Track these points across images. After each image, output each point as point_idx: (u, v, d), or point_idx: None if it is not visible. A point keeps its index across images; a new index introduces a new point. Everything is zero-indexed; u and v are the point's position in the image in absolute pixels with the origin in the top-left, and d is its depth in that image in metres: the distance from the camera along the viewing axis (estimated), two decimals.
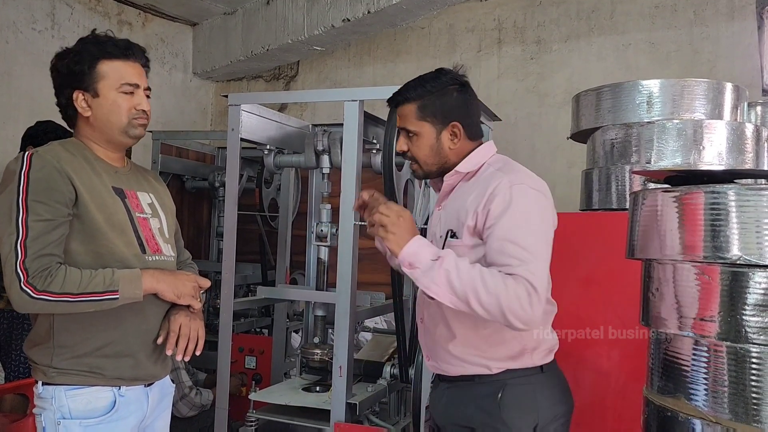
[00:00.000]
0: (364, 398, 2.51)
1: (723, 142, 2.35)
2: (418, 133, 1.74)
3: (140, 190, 1.81)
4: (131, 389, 1.68)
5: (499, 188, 1.60)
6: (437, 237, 1.78)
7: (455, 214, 1.71)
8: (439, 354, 1.77)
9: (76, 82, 1.68)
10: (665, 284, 1.35)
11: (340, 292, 2.52)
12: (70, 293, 1.53)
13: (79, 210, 1.61)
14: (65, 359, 1.61)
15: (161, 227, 1.82)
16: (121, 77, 1.70)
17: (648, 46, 4.01)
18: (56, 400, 1.60)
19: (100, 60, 1.69)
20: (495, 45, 4.47)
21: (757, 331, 1.19)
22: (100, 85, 1.69)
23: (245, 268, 4.25)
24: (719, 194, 1.25)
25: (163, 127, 4.94)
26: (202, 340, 1.73)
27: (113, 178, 1.73)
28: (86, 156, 1.70)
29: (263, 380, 3.49)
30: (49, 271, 1.52)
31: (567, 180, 3.50)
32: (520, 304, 1.47)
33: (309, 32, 4.62)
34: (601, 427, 2.22)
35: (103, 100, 1.69)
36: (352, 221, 2.50)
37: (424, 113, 1.74)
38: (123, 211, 1.70)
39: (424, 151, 1.76)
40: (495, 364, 1.68)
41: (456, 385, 1.75)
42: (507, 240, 1.54)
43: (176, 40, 5.32)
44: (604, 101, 2.55)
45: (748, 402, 1.20)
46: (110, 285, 1.57)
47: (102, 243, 1.63)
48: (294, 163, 2.96)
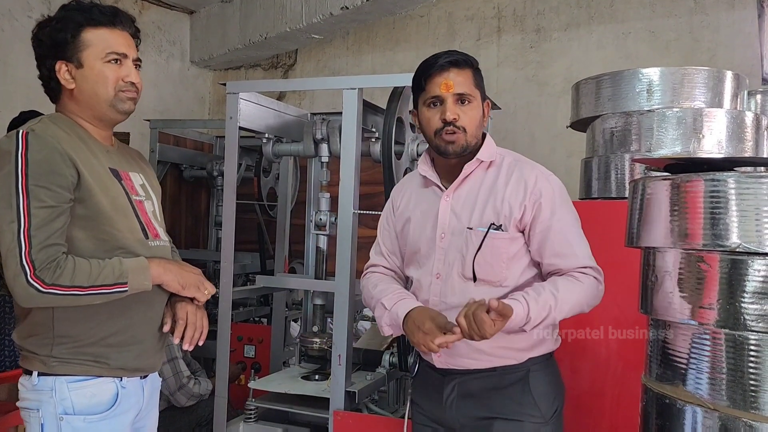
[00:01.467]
0: (363, 387, 2.52)
1: (723, 130, 2.35)
2: (473, 101, 1.68)
3: (131, 170, 1.70)
4: (131, 381, 1.62)
5: (539, 182, 1.67)
6: (459, 229, 1.69)
7: (489, 207, 1.67)
8: (458, 350, 1.67)
9: (59, 52, 1.56)
10: (664, 272, 1.35)
11: (339, 281, 2.52)
12: (80, 286, 1.45)
13: (81, 194, 1.50)
14: (67, 349, 1.53)
15: (154, 210, 1.72)
16: (107, 46, 1.57)
17: (648, 35, 4.00)
18: (57, 392, 1.51)
19: (85, 27, 1.56)
20: (494, 33, 4.45)
21: (755, 318, 1.20)
22: (84, 55, 1.56)
23: (244, 257, 4.26)
24: (719, 182, 1.25)
25: (160, 115, 4.93)
26: (206, 330, 1.67)
27: (107, 158, 1.62)
28: (79, 134, 1.59)
29: (262, 369, 3.50)
30: (57, 262, 1.44)
31: (566, 169, 3.49)
32: (594, 294, 1.63)
33: (307, 20, 4.60)
34: (599, 414, 2.23)
35: (88, 71, 1.57)
36: (351, 210, 2.50)
37: (477, 81, 1.70)
38: (123, 194, 1.61)
39: (475, 121, 1.68)
40: (523, 354, 1.68)
41: (471, 377, 1.70)
42: (569, 231, 1.65)
43: (173, 28, 5.30)
44: (603, 90, 2.54)
45: (746, 389, 1.21)
46: (120, 277, 1.49)
47: (106, 229, 1.54)
48: (293, 152, 2.95)
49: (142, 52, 1.71)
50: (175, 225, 4.55)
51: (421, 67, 1.71)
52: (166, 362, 2.91)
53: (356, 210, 2.51)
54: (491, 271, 1.66)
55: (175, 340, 1.63)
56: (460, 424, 1.73)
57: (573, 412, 1.78)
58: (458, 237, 1.69)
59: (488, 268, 1.65)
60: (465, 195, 1.72)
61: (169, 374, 2.93)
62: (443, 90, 1.65)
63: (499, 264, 1.65)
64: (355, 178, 2.50)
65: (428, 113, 1.69)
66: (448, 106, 1.65)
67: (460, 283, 1.68)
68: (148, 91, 5.07)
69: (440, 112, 1.66)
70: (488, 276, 1.66)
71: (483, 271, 1.66)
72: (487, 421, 1.68)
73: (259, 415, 2.70)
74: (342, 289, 2.51)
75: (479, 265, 1.65)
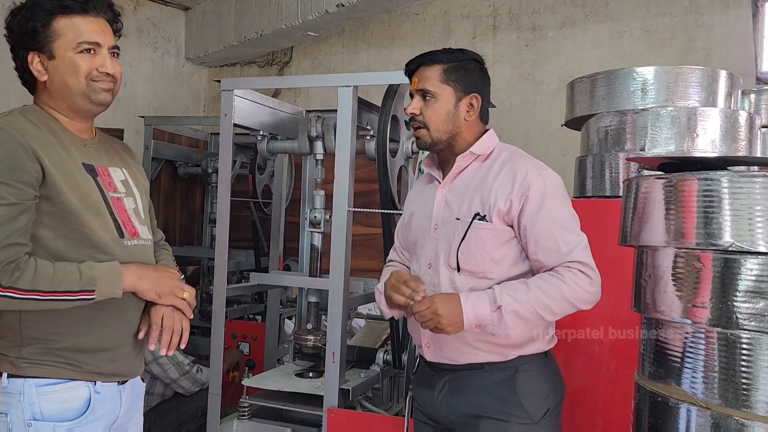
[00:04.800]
0: (357, 384, 2.52)
1: (717, 129, 2.35)
2: (437, 96, 1.72)
3: (111, 165, 1.61)
4: (106, 386, 1.53)
5: (530, 175, 1.66)
6: (449, 219, 1.72)
7: (477, 198, 1.69)
8: (446, 341, 1.69)
9: (30, 42, 1.48)
10: (657, 271, 1.35)
11: (333, 279, 2.52)
12: (41, 291, 1.36)
13: (48, 191, 1.42)
14: (37, 350, 1.45)
15: (136, 207, 1.63)
16: (78, 35, 1.48)
17: (643, 34, 4.01)
18: (26, 396, 1.43)
19: (56, 16, 1.47)
20: (490, 31, 4.46)
21: (747, 317, 1.20)
22: (55, 45, 1.48)
23: (238, 254, 4.25)
24: (712, 181, 1.25)
25: (155, 112, 4.91)
26: (186, 332, 1.58)
27: (82, 153, 1.53)
28: (51, 127, 1.50)
29: (256, 366, 3.50)
30: (16, 264, 1.35)
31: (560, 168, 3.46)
32: (584, 290, 1.58)
33: (303, 17, 4.59)
34: (592, 412, 2.23)
35: (59, 62, 1.48)
36: (346, 207, 2.50)
37: (448, 77, 1.73)
38: (96, 191, 1.51)
39: (439, 116, 1.73)
40: (510, 351, 1.67)
41: (460, 374, 1.71)
42: (555, 225, 1.63)
43: (168, 25, 5.28)
44: (598, 88, 2.54)
45: (738, 387, 1.21)
46: (87, 284, 1.40)
47: (76, 228, 1.45)
48: (287, 149, 2.94)
49: (138, 49, 1.68)
50: (170, 222, 4.54)
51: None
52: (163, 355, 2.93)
53: (351, 208, 2.51)
54: (474, 261, 1.66)
55: (151, 346, 1.55)
56: (450, 421, 1.73)
57: (565, 409, 1.78)
58: (448, 227, 1.72)
59: (471, 258, 1.66)
60: (458, 187, 1.75)
61: (168, 365, 2.95)
62: (412, 87, 1.77)
63: (482, 254, 1.66)
64: (349, 175, 2.50)
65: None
66: (412, 102, 1.76)
67: (446, 272, 1.70)
68: (143, 87, 5.07)
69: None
70: (471, 266, 1.67)
71: (466, 260, 1.67)
72: (475, 419, 1.67)
73: (253, 412, 2.70)
74: (336, 287, 2.51)
75: (463, 255, 1.67)
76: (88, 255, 1.47)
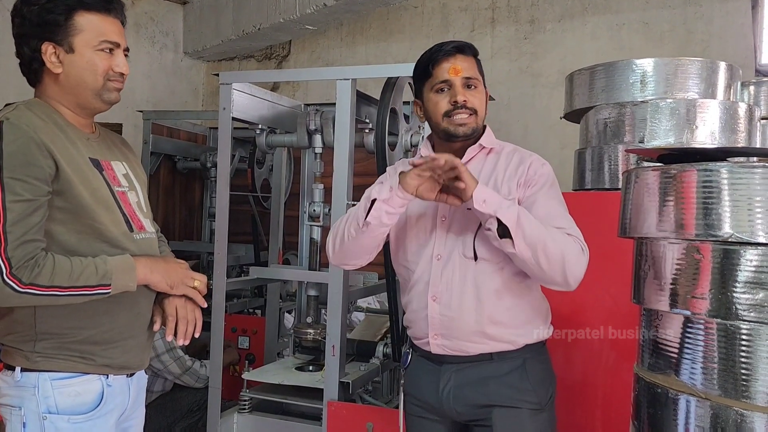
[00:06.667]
0: (356, 377, 2.52)
1: (716, 121, 2.35)
2: (479, 85, 1.73)
3: (113, 159, 1.61)
4: (117, 379, 1.55)
5: (534, 164, 1.72)
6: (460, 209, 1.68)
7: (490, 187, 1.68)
8: (458, 332, 1.69)
9: (47, 33, 1.48)
10: (657, 262, 1.35)
11: (332, 272, 2.52)
12: (60, 286, 1.38)
13: (60, 186, 1.42)
14: (51, 344, 1.46)
15: (139, 201, 1.64)
16: (101, 33, 1.50)
17: (642, 26, 4.00)
18: (40, 390, 1.44)
19: (77, 10, 1.48)
20: (488, 25, 4.45)
21: (747, 308, 1.20)
22: (76, 40, 1.48)
23: (238, 248, 4.25)
24: (712, 172, 1.25)
25: (154, 106, 4.90)
26: (200, 322, 1.62)
27: (88, 147, 1.54)
28: (57, 122, 1.49)
29: (256, 360, 3.50)
30: (35, 260, 1.36)
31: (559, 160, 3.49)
32: (577, 259, 1.58)
33: (301, 11, 4.58)
34: (592, 403, 2.24)
35: (78, 58, 1.49)
36: (345, 201, 2.49)
37: (480, 68, 1.76)
38: (104, 186, 1.52)
39: (483, 104, 1.74)
40: (520, 339, 1.70)
41: (468, 365, 1.71)
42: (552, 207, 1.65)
43: (166, 19, 5.26)
44: (597, 80, 2.54)
45: (737, 378, 1.21)
46: (103, 278, 1.42)
47: (88, 222, 1.46)
48: (286, 143, 2.94)
49: (136, 43, 1.69)
50: (169, 216, 4.54)
51: (426, 55, 1.74)
52: (165, 352, 2.94)
53: (350, 201, 2.51)
54: (492, 248, 1.65)
55: (168, 336, 1.58)
56: (457, 412, 1.73)
57: (565, 401, 1.79)
58: (459, 218, 1.71)
59: (489, 245, 1.66)
60: None
61: (170, 362, 2.96)
62: (452, 74, 1.69)
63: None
64: (348, 169, 2.50)
65: (436, 98, 1.72)
66: (457, 89, 1.69)
67: (462, 262, 1.69)
68: (141, 82, 5.06)
69: (449, 95, 1.70)
70: (489, 255, 1.67)
71: (484, 249, 1.67)
72: (486, 408, 1.69)
73: (253, 406, 2.70)
74: (336, 280, 2.51)
75: (480, 244, 1.67)
76: (100, 249, 1.48)
